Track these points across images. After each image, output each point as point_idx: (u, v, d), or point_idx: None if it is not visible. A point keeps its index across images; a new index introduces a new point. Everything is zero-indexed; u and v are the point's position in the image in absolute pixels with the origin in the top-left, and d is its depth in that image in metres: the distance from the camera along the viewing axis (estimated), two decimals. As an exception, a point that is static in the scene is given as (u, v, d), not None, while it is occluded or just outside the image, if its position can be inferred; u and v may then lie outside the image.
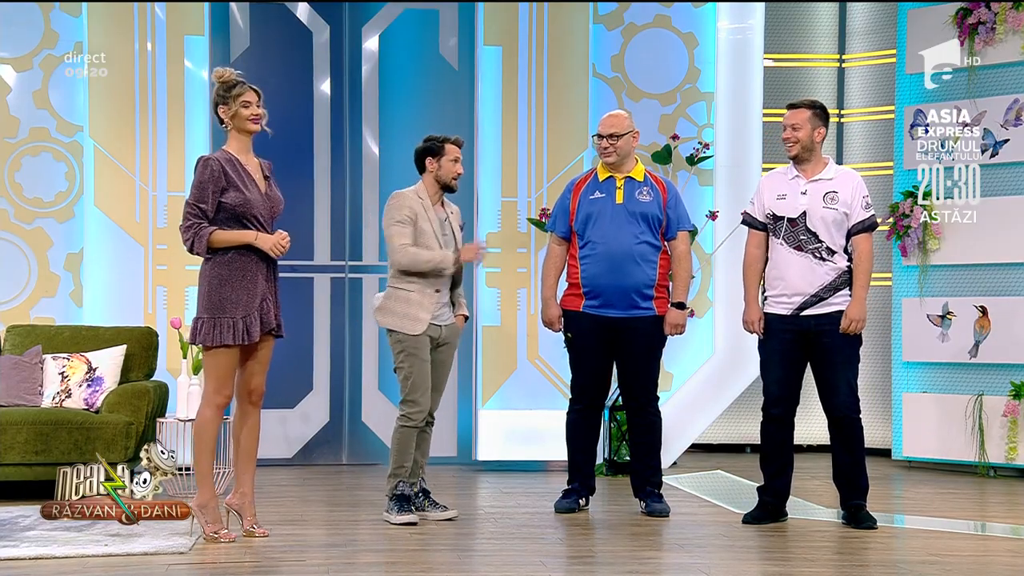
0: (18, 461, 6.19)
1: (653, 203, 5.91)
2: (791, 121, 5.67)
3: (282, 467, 7.66)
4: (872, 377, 8.49)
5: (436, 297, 5.71)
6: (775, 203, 5.69)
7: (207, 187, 5.07)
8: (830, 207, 5.60)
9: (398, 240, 5.70)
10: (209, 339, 5.08)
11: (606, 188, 5.95)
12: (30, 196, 7.60)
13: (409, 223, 5.72)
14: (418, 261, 5.67)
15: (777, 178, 5.78)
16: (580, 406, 6.06)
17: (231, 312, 5.09)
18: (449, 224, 5.84)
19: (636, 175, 5.97)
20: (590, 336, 5.92)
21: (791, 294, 5.62)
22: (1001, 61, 7.63)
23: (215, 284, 5.10)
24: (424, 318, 5.68)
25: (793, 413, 5.73)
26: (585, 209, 5.94)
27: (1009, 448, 7.45)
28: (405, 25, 8.02)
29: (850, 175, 5.72)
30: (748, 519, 5.73)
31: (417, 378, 5.68)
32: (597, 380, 6.01)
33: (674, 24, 8.01)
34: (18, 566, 4.66)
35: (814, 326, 5.60)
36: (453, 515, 5.79)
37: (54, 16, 7.64)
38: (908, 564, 4.83)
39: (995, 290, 7.64)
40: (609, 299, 5.86)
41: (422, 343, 5.68)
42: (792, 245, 5.63)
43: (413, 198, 5.78)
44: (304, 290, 7.86)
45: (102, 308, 7.44)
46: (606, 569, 4.73)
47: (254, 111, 5.19)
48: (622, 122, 5.96)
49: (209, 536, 5.12)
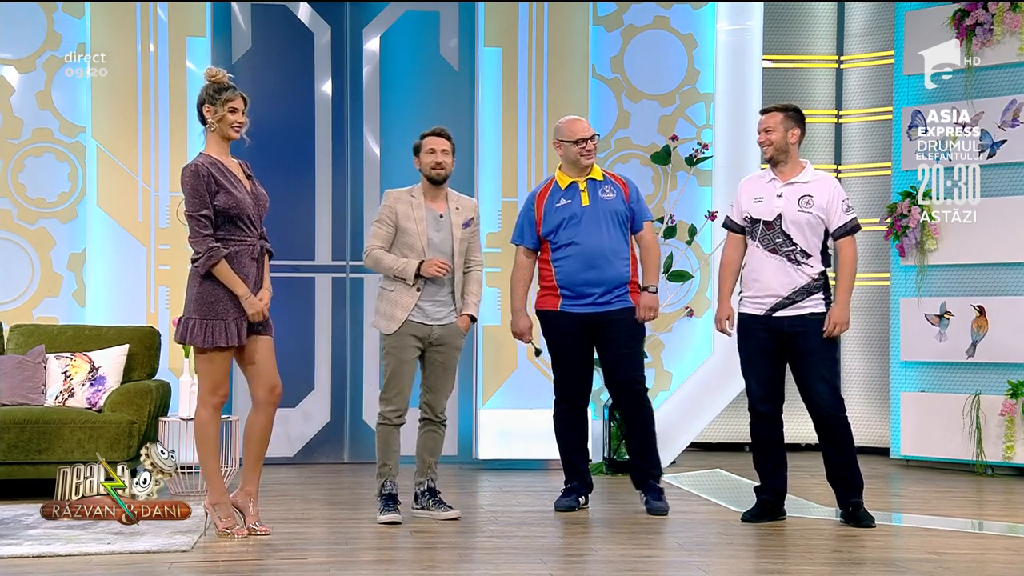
0: (21, 460, 6.22)
1: (617, 199, 5.97)
2: (764, 125, 5.71)
3: (284, 466, 7.69)
4: (870, 376, 8.53)
5: (416, 296, 5.68)
6: (752, 206, 5.72)
7: (203, 193, 5.10)
8: (805, 210, 5.61)
9: (368, 241, 5.78)
10: (200, 341, 5.11)
11: (570, 194, 5.98)
12: (33, 196, 7.63)
13: (387, 223, 5.74)
14: (380, 264, 5.74)
15: (755, 181, 5.82)
16: (565, 405, 6.09)
17: (223, 314, 5.12)
18: (448, 220, 5.80)
19: (596, 175, 6.03)
20: (570, 334, 5.96)
21: (764, 295, 5.65)
22: (998, 62, 7.66)
23: (207, 286, 5.13)
24: (399, 316, 5.68)
25: (780, 410, 5.75)
26: (554, 217, 5.96)
27: (1006, 447, 7.48)
28: (406, 26, 8.05)
29: (826, 179, 5.72)
30: (747, 518, 5.76)
31: (392, 377, 5.70)
32: (579, 378, 6.05)
33: (673, 25, 8.04)
34: (21, 564, 4.68)
35: (787, 327, 5.61)
36: (456, 515, 5.80)
37: (57, 17, 7.67)
38: (906, 562, 4.86)
39: (993, 290, 7.67)
40: (586, 296, 5.90)
41: (402, 342, 5.68)
42: (767, 247, 5.65)
43: (400, 197, 5.78)
44: (305, 290, 7.90)
45: (105, 308, 7.47)
46: (606, 567, 4.76)
47: (239, 119, 5.21)
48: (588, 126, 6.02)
49: (222, 532, 5.17)
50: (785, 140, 5.68)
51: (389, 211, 5.75)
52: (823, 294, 5.63)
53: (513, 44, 7.86)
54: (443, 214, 5.79)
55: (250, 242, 5.20)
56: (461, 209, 5.85)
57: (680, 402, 7.78)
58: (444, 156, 5.76)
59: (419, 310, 5.71)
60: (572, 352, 6.00)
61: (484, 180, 7.80)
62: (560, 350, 6.03)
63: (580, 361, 6.02)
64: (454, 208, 5.82)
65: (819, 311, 5.60)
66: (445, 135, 5.81)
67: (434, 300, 5.74)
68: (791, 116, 5.70)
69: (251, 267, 5.19)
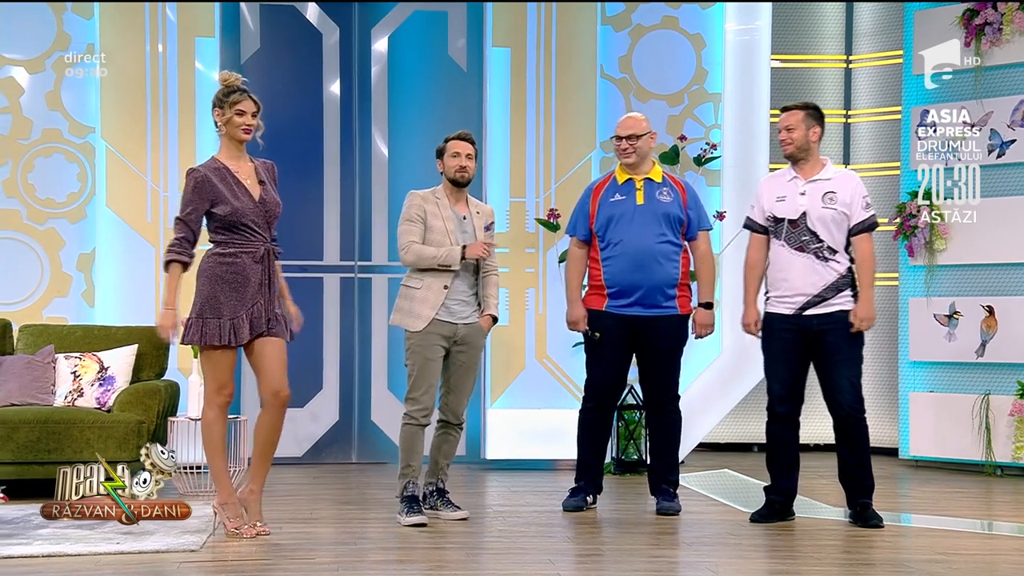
0: (31, 460, 6.24)
1: (674, 203, 5.94)
2: (785, 123, 5.72)
3: (292, 466, 7.70)
4: (879, 376, 8.51)
5: (444, 294, 5.69)
6: (775, 205, 5.72)
7: (191, 199, 5.13)
8: (829, 207, 5.62)
9: (404, 238, 5.74)
10: (196, 339, 5.13)
11: (626, 190, 5.97)
12: (43, 197, 7.65)
13: (418, 221, 5.74)
14: (423, 257, 5.70)
15: (776, 180, 5.82)
16: (593, 404, 6.07)
17: (218, 312, 5.13)
18: (471, 223, 5.82)
19: (654, 176, 5.99)
20: (612, 335, 5.94)
21: (793, 294, 5.65)
22: (1008, 62, 7.65)
23: (206, 284, 5.15)
24: (427, 315, 5.68)
25: (798, 412, 5.76)
26: (606, 212, 5.95)
27: (1016, 447, 7.47)
28: (414, 26, 8.05)
29: (848, 175, 5.75)
30: (756, 518, 5.76)
31: (420, 376, 5.69)
32: (613, 380, 6.03)
33: (681, 25, 8.04)
34: (31, 564, 4.69)
35: (816, 325, 5.62)
36: (465, 515, 5.79)
37: (66, 18, 7.69)
38: (915, 563, 4.85)
39: (1002, 290, 7.66)
40: (633, 298, 5.89)
41: (429, 340, 5.68)
42: (794, 246, 5.65)
43: (427, 197, 5.80)
44: (314, 290, 7.90)
45: (114, 308, 7.49)
46: (614, 567, 4.76)
47: (247, 121, 5.21)
48: (640, 123, 5.99)
49: (231, 532, 5.18)
50: (806, 138, 5.69)
51: (418, 208, 5.76)
52: (851, 291, 5.64)
53: (521, 44, 7.86)
54: (466, 216, 5.82)
55: (252, 247, 5.19)
56: (481, 214, 5.89)
57: (689, 402, 7.74)
58: (468, 160, 5.79)
59: (445, 308, 5.71)
60: (611, 353, 5.97)
61: (492, 180, 7.80)
62: (600, 350, 6.00)
63: (618, 363, 6.00)
64: (475, 212, 5.86)
65: (848, 308, 5.62)
66: (470, 139, 5.84)
67: (456, 299, 5.72)
68: (811, 114, 5.72)
69: (254, 270, 5.18)
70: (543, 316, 7.75)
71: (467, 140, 5.83)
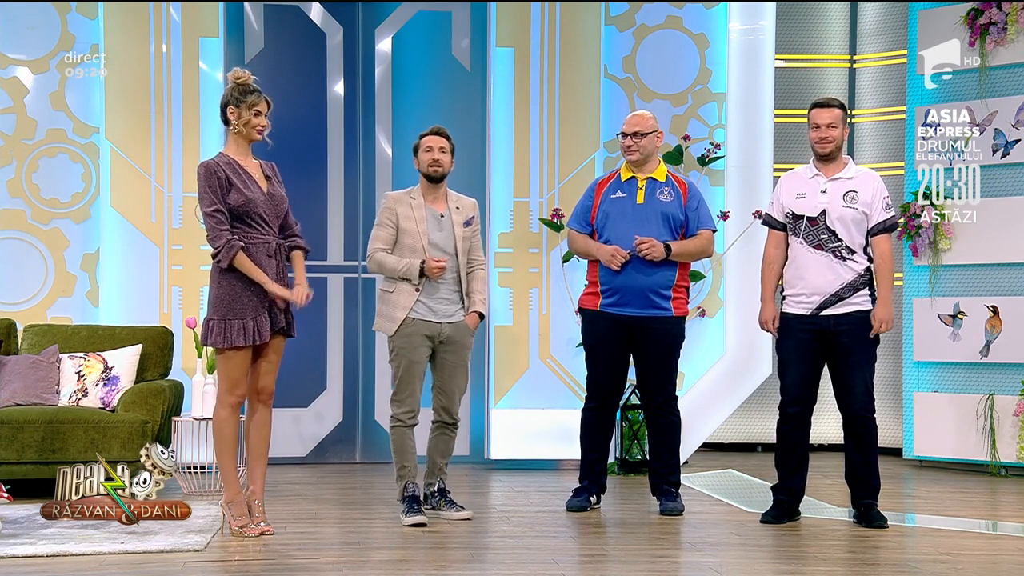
0: (35, 459, 6.24)
1: (673, 203, 5.92)
2: (827, 120, 5.64)
3: (296, 465, 7.70)
4: (884, 377, 8.49)
5: (416, 296, 5.66)
6: (794, 202, 5.70)
7: (216, 189, 5.14)
8: (850, 206, 5.60)
9: (371, 245, 5.79)
10: (220, 341, 5.14)
11: (628, 188, 5.96)
12: (47, 197, 7.66)
13: (388, 225, 5.75)
14: (384, 267, 5.73)
15: (796, 177, 5.79)
16: (594, 404, 6.07)
17: (241, 313, 5.14)
18: (449, 220, 5.79)
19: (658, 176, 5.98)
20: (607, 336, 5.94)
21: (810, 293, 5.63)
22: (1012, 61, 7.64)
23: (225, 285, 5.16)
24: (399, 317, 5.68)
25: (810, 413, 5.74)
26: (605, 207, 5.95)
27: (1020, 447, 7.46)
28: (418, 26, 8.06)
29: (870, 175, 5.71)
30: (767, 519, 5.73)
31: (404, 378, 5.69)
32: (612, 379, 6.03)
33: (685, 25, 8.03)
34: (36, 563, 4.70)
35: (833, 325, 5.60)
36: (468, 515, 5.79)
37: (71, 18, 7.69)
38: (919, 563, 4.85)
39: (1006, 290, 7.65)
40: (626, 298, 5.88)
41: (412, 342, 5.68)
42: (812, 244, 5.63)
43: (399, 198, 5.79)
44: (317, 290, 7.84)
45: (118, 308, 7.50)
46: (618, 568, 4.76)
47: (263, 122, 5.25)
48: (647, 121, 5.98)
49: (236, 531, 5.19)
50: (842, 137, 5.68)
51: (389, 212, 5.76)
52: (868, 290, 5.63)
53: (525, 44, 7.86)
54: (444, 214, 5.79)
55: (264, 240, 5.22)
56: (461, 208, 5.85)
57: (693, 402, 7.76)
58: (441, 154, 5.77)
59: (427, 308, 5.70)
60: (608, 353, 5.96)
61: (496, 180, 7.80)
62: (596, 350, 6.00)
63: (615, 363, 5.99)
64: (454, 208, 5.83)
65: (865, 309, 5.60)
66: (443, 134, 5.83)
67: (438, 298, 5.72)
68: (845, 114, 5.71)
69: (268, 264, 5.21)
70: (547, 316, 7.75)
71: (440, 135, 5.82)
